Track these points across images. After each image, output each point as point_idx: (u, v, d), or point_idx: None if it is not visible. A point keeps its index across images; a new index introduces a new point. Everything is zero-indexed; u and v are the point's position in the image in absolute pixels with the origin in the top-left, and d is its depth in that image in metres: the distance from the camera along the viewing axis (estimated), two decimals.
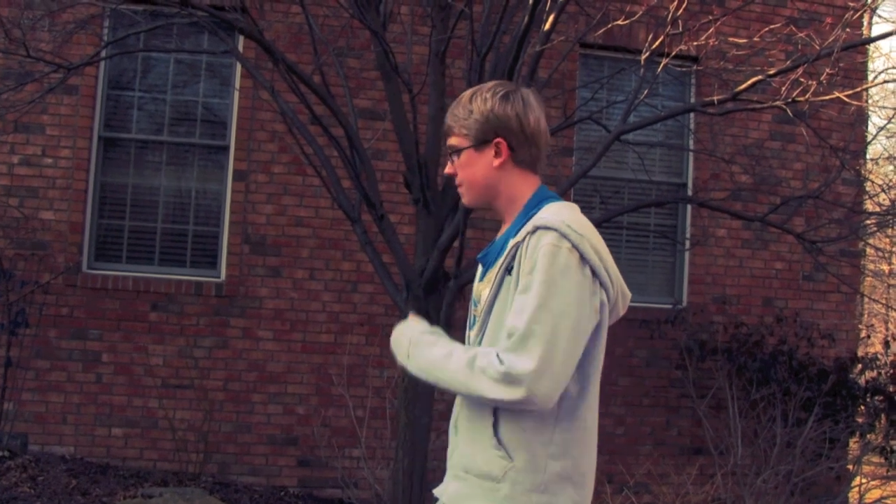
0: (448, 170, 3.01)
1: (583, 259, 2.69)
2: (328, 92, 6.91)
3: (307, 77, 6.85)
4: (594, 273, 2.72)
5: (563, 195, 7.54)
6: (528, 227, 2.74)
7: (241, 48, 8.78)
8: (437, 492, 2.95)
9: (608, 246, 2.86)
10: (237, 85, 9.05)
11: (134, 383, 8.79)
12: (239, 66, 8.87)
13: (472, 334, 2.97)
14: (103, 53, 8.13)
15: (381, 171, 8.90)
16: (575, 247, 2.68)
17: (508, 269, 2.78)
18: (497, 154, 2.91)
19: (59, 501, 7.37)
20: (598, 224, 7.87)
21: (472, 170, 2.94)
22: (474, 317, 2.97)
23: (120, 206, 9.02)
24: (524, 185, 2.95)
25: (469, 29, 6.55)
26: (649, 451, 9.53)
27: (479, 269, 3.03)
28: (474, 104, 2.90)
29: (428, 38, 7.14)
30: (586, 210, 9.46)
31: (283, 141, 8.93)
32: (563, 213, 2.77)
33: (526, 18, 6.09)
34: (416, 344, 2.88)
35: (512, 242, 2.80)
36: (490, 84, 2.96)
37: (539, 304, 2.62)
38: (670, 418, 9.72)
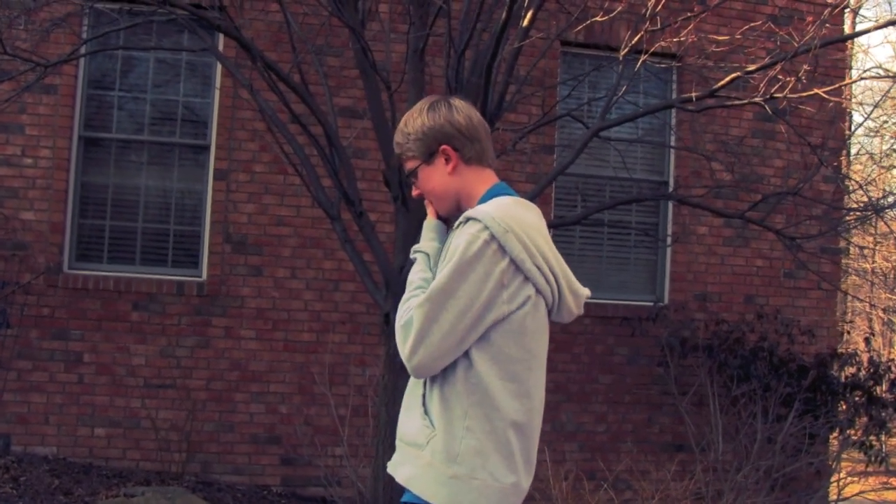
0: (414, 192, 3.22)
1: (502, 251, 2.84)
2: (307, 90, 6.92)
3: (286, 75, 6.86)
4: (517, 266, 2.86)
5: (542, 192, 7.57)
6: (462, 217, 2.91)
7: (221, 47, 8.78)
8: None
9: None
10: (218, 84, 9.05)
11: (116, 383, 8.78)
12: (219, 66, 8.87)
13: None
14: (82, 51, 8.12)
15: (361, 170, 8.91)
16: (494, 238, 2.83)
17: (447, 249, 2.96)
18: (447, 160, 3.09)
19: (41, 501, 7.36)
20: (577, 221, 7.92)
21: (432, 183, 3.14)
22: None
23: (101, 205, 9.01)
24: (479, 182, 3.12)
25: (447, 26, 6.57)
26: (631, 448, 9.56)
27: None
28: (409, 127, 3.12)
29: (406, 36, 7.15)
30: (568, 208, 9.54)
31: (263, 140, 8.93)
32: (497, 207, 2.92)
33: (504, 15, 6.11)
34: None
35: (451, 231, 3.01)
36: (415, 106, 3.18)
37: (439, 283, 2.83)
38: (652, 415, 9.74)
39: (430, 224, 3.18)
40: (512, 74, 7.05)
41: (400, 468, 2.98)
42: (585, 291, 3.14)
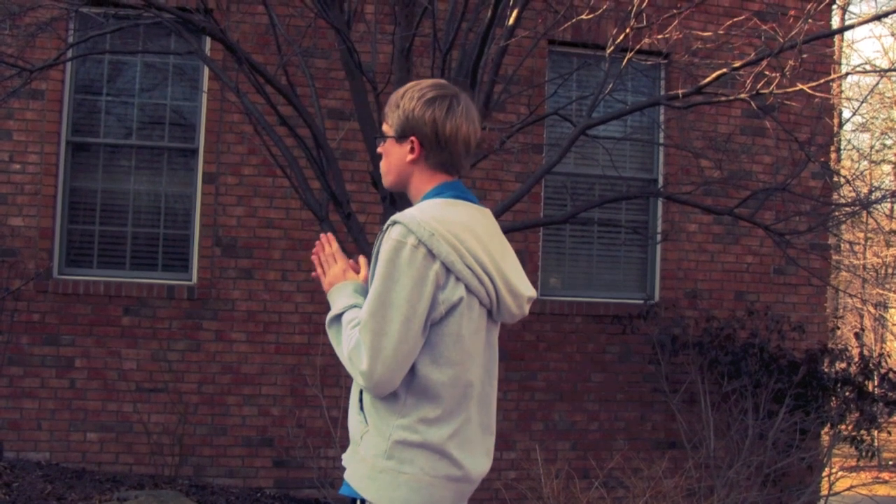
0: (378, 149, 3.20)
1: (430, 254, 2.82)
2: (294, 92, 6.93)
3: (272, 77, 6.87)
4: (448, 269, 2.85)
5: (530, 191, 7.58)
6: (389, 220, 2.90)
7: (207, 50, 8.78)
8: None
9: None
10: (205, 87, 9.05)
11: (108, 388, 8.78)
12: (206, 69, 8.87)
13: None
14: (68, 55, 8.12)
15: (350, 171, 8.92)
16: (421, 242, 2.81)
17: (376, 256, 2.94)
18: (411, 151, 3.07)
19: None
20: (566, 220, 7.93)
21: (390, 158, 3.13)
22: None
23: (90, 210, 9.01)
24: (429, 182, 3.09)
25: (433, 26, 6.58)
26: (622, 446, 9.58)
27: None
28: (403, 100, 3.07)
29: (392, 37, 7.16)
30: (557, 207, 9.55)
31: (251, 143, 8.93)
32: (425, 210, 2.91)
33: (490, 14, 6.12)
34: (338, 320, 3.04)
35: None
36: (426, 83, 3.11)
37: (374, 296, 2.82)
38: (644, 413, 9.76)
39: (347, 287, 3.10)
40: (498, 73, 7.06)
41: (345, 462, 3.03)
42: (528, 292, 3.11)
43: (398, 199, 6.79)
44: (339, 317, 3.00)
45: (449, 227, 2.86)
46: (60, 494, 7.79)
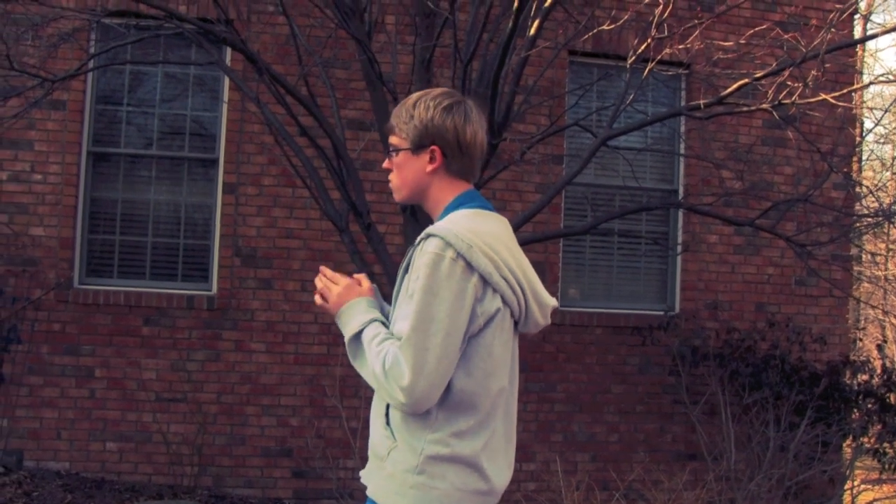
0: (385, 165, 3.15)
1: (469, 267, 2.81)
2: (314, 102, 6.93)
3: (293, 88, 6.87)
4: (485, 281, 2.85)
5: (551, 202, 7.56)
6: (423, 232, 2.87)
7: (228, 61, 8.80)
8: None
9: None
10: (225, 98, 9.06)
11: (127, 398, 8.79)
12: (227, 80, 8.88)
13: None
14: (90, 66, 8.15)
15: (369, 182, 8.91)
16: (460, 255, 2.79)
17: (407, 268, 2.93)
18: (431, 160, 3.04)
19: None
20: (587, 231, 7.91)
21: (405, 171, 3.08)
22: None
23: (110, 220, 9.03)
24: (450, 191, 3.07)
25: (454, 37, 6.57)
26: (643, 458, 9.53)
27: None
28: (417, 110, 3.03)
29: (413, 48, 7.16)
30: (577, 218, 9.53)
31: (271, 153, 8.94)
32: (459, 222, 2.90)
33: (511, 25, 6.10)
34: (359, 340, 2.98)
35: (413, 245, 2.94)
36: (437, 91, 3.10)
37: (416, 311, 2.77)
38: (664, 424, 9.71)
39: (360, 304, 3.06)
40: (519, 84, 7.04)
41: (366, 479, 3.00)
42: (552, 301, 3.11)
43: (418, 211, 6.78)
44: (358, 334, 2.96)
45: (484, 239, 2.86)
46: None
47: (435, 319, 2.76)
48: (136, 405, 8.79)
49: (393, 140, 3.09)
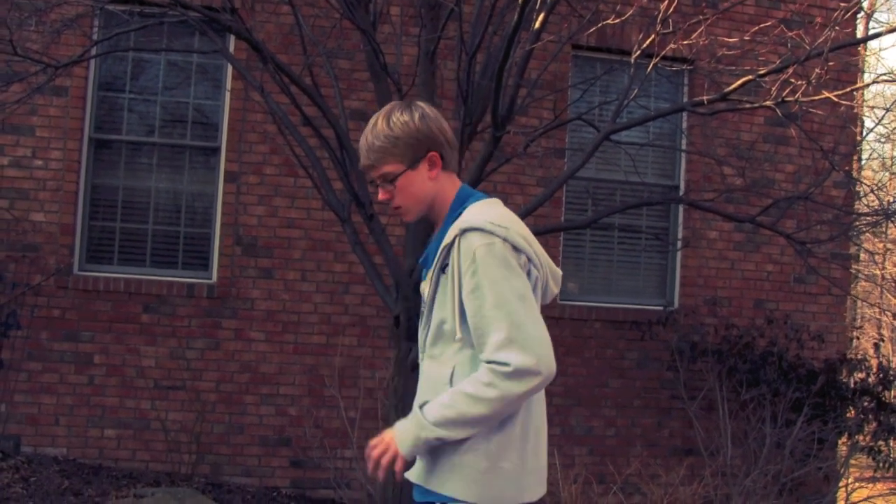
0: (382, 196, 3.18)
1: (515, 249, 2.93)
2: (318, 92, 6.93)
3: (297, 77, 6.87)
4: (528, 258, 2.99)
5: (553, 195, 7.57)
6: (455, 229, 2.95)
7: (231, 49, 8.80)
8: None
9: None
10: (228, 86, 9.06)
11: (126, 385, 8.80)
12: (230, 68, 8.88)
13: (420, 328, 3.20)
14: (93, 52, 8.14)
15: None
16: (505, 240, 2.90)
17: (443, 269, 3.01)
18: (431, 166, 3.11)
19: (51, 502, 7.37)
20: (587, 225, 7.93)
21: (412, 189, 3.12)
22: (423, 312, 3.18)
23: (111, 207, 9.03)
24: (451, 188, 3.17)
25: (459, 29, 6.57)
26: (640, 452, 9.55)
27: (424, 269, 3.23)
28: (395, 130, 3.06)
29: (418, 39, 7.16)
30: (578, 212, 9.53)
31: (274, 142, 8.94)
32: (485, 212, 2.99)
33: (515, 18, 6.10)
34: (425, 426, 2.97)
35: (443, 245, 3.00)
36: (392, 108, 3.14)
37: (496, 301, 2.85)
38: (661, 419, 9.73)
39: (402, 422, 3.06)
40: (523, 77, 7.04)
41: (418, 476, 3.06)
42: (560, 271, 3.26)
43: None
44: (437, 424, 2.92)
45: (510, 222, 2.97)
46: (77, 490, 7.81)
47: (510, 297, 2.84)
48: (134, 392, 8.80)
49: (386, 169, 3.11)
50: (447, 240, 2.97)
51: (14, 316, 8.63)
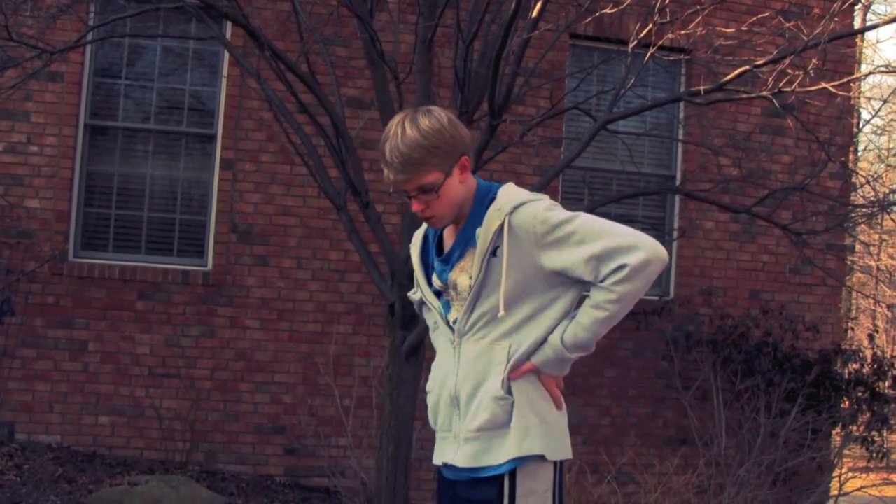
0: (417, 207, 3.13)
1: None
2: (315, 80, 6.91)
3: (293, 64, 6.85)
4: None
5: (549, 184, 7.56)
6: (499, 213, 3.04)
7: (228, 35, 8.76)
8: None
9: None
10: (225, 73, 9.04)
11: (121, 372, 8.79)
12: (227, 55, 8.85)
13: (451, 316, 3.22)
14: (88, 38, 8.11)
15: (369, 161, 8.86)
16: (553, 204, 3.09)
17: (494, 252, 3.03)
18: (462, 170, 3.12)
19: (45, 489, 7.37)
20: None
21: (449, 195, 3.11)
22: (447, 302, 3.24)
23: (106, 194, 9.01)
24: (472, 182, 3.20)
25: (456, 17, 6.56)
26: (634, 442, 9.55)
27: (436, 263, 3.28)
28: (431, 139, 3.00)
29: (415, 27, 7.14)
30: (574, 201, 9.53)
31: (270, 129, 8.91)
32: (518, 190, 3.17)
33: (513, 6, 6.09)
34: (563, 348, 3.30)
35: (483, 230, 3.06)
36: (411, 117, 3.06)
37: (590, 236, 3.03)
38: (656, 409, 9.74)
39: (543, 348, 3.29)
40: (520, 66, 7.02)
41: (483, 455, 3.16)
42: None
43: None
44: (579, 345, 3.29)
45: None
46: (71, 477, 7.82)
47: (602, 226, 3.07)
48: (129, 380, 8.79)
49: (427, 181, 3.04)
50: (491, 224, 3.04)
51: (8, 303, 8.61)
